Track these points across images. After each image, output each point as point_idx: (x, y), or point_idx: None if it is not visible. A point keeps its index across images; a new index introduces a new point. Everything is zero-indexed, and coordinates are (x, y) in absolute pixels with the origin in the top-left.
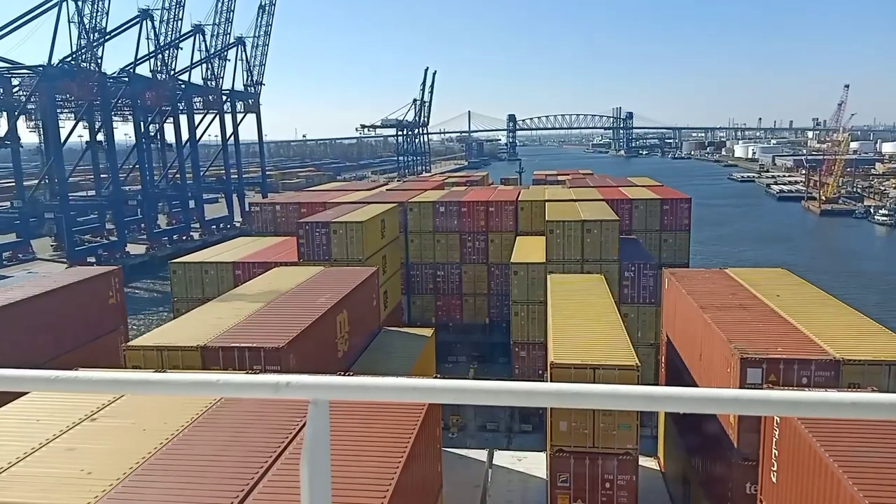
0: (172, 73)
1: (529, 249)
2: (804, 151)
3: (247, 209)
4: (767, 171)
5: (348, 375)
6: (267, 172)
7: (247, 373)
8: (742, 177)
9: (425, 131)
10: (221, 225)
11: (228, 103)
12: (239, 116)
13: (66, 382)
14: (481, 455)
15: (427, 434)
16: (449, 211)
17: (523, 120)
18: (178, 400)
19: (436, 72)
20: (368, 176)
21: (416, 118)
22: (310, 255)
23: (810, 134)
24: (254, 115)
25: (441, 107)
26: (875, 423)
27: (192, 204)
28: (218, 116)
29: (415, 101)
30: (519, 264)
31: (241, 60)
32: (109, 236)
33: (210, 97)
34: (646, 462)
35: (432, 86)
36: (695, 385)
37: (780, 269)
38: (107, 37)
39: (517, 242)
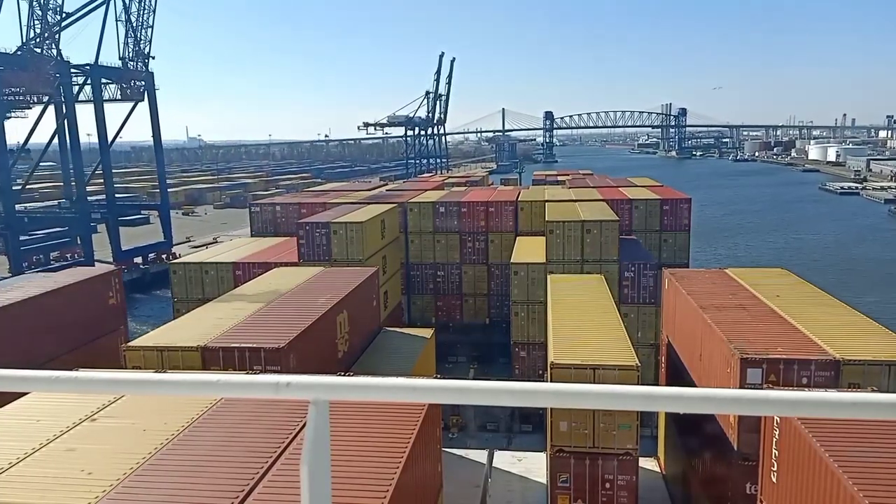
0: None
1: (529, 249)
2: (887, 153)
3: (122, 248)
4: (865, 179)
5: (348, 375)
6: (246, 181)
7: (247, 373)
8: (841, 188)
9: (442, 129)
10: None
11: (88, 85)
12: (122, 106)
13: (66, 383)
14: (481, 455)
15: (427, 434)
16: (449, 211)
17: (561, 118)
18: (178, 400)
19: (454, 59)
20: (371, 182)
21: (430, 114)
22: (310, 255)
23: (883, 133)
24: (145, 104)
25: (472, 105)
26: (875, 423)
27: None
28: (60, 104)
29: (427, 94)
30: (519, 264)
31: (121, 21)
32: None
33: (37, 71)
34: (646, 462)
35: (450, 76)
36: (695, 385)
37: (780, 269)
38: None
39: (517, 243)
